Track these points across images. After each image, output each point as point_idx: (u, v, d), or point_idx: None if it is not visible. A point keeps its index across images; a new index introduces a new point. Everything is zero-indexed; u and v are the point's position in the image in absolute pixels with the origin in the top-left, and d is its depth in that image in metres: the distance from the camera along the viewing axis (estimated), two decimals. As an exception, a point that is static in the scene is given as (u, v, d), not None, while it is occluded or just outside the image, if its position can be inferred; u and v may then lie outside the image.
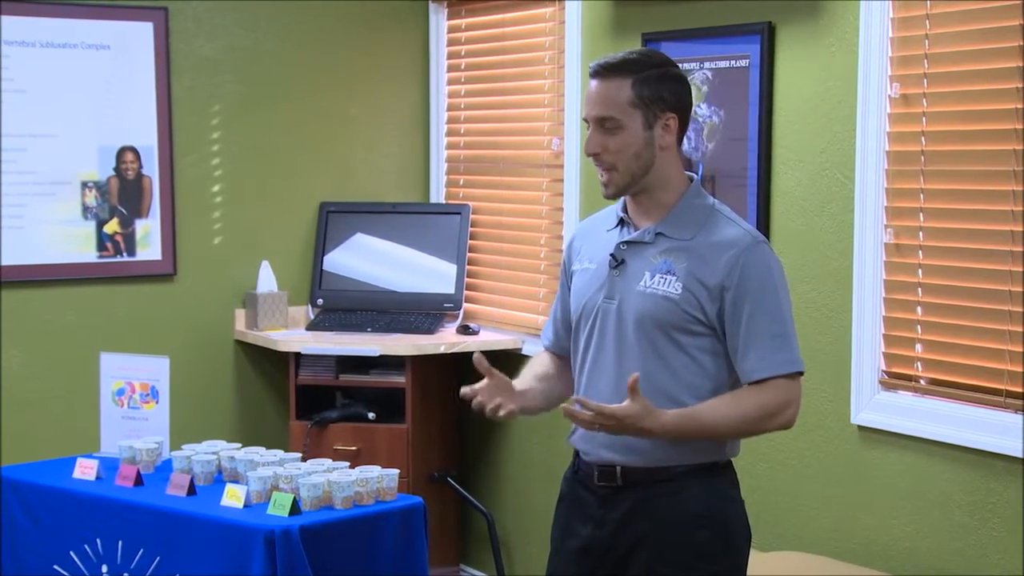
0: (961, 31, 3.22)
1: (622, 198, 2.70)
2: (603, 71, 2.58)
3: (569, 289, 2.79)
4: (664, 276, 2.58)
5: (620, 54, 2.61)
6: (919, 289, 3.34)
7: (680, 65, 2.67)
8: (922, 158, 3.32)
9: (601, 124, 2.58)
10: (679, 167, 2.65)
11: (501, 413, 2.64)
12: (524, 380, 2.78)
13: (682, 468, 2.61)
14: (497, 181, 4.86)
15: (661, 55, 2.68)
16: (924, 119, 3.31)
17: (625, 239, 2.65)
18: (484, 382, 2.66)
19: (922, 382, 3.35)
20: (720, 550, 2.63)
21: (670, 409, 2.55)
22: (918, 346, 3.35)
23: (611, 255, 2.65)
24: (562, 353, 2.84)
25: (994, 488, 3.15)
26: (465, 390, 2.66)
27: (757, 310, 2.55)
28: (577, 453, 2.73)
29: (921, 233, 3.33)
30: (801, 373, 2.61)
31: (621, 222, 2.69)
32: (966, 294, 3.22)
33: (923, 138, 3.31)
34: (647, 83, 2.56)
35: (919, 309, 3.34)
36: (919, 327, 3.34)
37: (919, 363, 3.35)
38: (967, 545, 3.22)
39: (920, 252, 3.34)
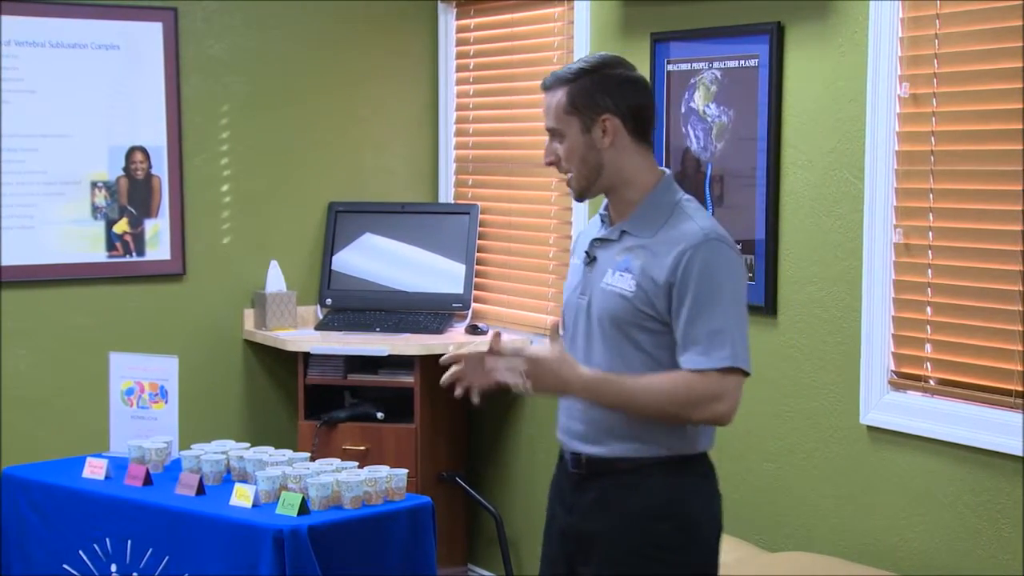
0: (971, 31, 3.22)
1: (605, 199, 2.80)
2: (546, 84, 2.71)
3: None
4: (622, 274, 2.65)
5: (566, 66, 2.73)
6: (928, 289, 3.33)
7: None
8: (931, 158, 3.31)
9: (551, 134, 2.71)
10: (641, 165, 2.70)
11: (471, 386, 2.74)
12: None
13: (647, 460, 2.65)
14: (506, 181, 4.86)
15: (610, 59, 2.73)
16: (934, 119, 3.30)
17: (598, 236, 2.75)
18: (478, 352, 2.72)
19: (931, 382, 3.34)
20: (681, 543, 2.66)
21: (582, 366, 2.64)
22: (927, 346, 3.35)
23: (585, 252, 2.75)
24: None
25: (1003, 489, 3.14)
26: (445, 359, 2.77)
27: (697, 306, 2.58)
28: (561, 443, 2.83)
29: (931, 233, 3.33)
30: (740, 371, 2.61)
31: (603, 219, 2.78)
32: (976, 294, 3.22)
33: (933, 138, 3.31)
34: (581, 89, 2.66)
35: (929, 309, 3.34)
36: (928, 327, 3.34)
37: (928, 363, 3.35)
38: (976, 546, 3.21)
39: (930, 252, 3.33)
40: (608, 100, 2.66)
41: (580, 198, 2.74)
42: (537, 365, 2.59)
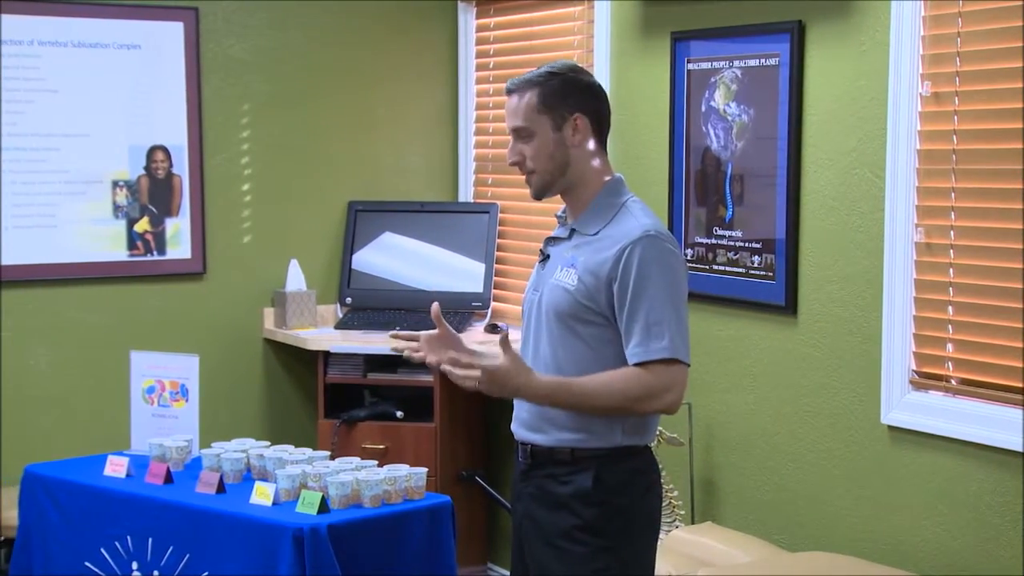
0: (994, 29, 3.20)
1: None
2: (513, 87, 2.81)
3: None
4: (568, 269, 2.76)
5: (530, 71, 2.82)
6: (950, 289, 3.32)
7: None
8: (953, 157, 3.30)
9: (517, 134, 2.80)
10: (597, 167, 2.82)
11: (426, 360, 2.77)
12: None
13: (587, 452, 2.74)
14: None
15: (573, 65, 2.86)
16: (956, 117, 3.29)
17: (551, 236, 2.88)
18: (431, 332, 2.79)
19: (953, 382, 3.33)
20: (609, 529, 2.73)
21: (539, 373, 2.71)
22: (949, 346, 3.33)
23: (540, 250, 2.88)
24: None
25: (1026, 489, 3.13)
26: (400, 334, 2.81)
27: (637, 299, 2.68)
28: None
29: (952, 232, 3.31)
30: (680, 361, 2.68)
31: (560, 221, 2.91)
32: (998, 294, 3.20)
33: (955, 136, 3.29)
34: (551, 90, 2.77)
35: (950, 309, 3.32)
36: (950, 327, 3.32)
37: (950, 363, 3.33)
38: (998, 546, 3.19)
39: (951, 251, 3.32)
40: (577, 101, 2.78)
41: (540, 196, 2.84)
42: (493, 376, 2.65)
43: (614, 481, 2.74)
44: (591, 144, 2.79)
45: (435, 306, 2.78)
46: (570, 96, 2.77)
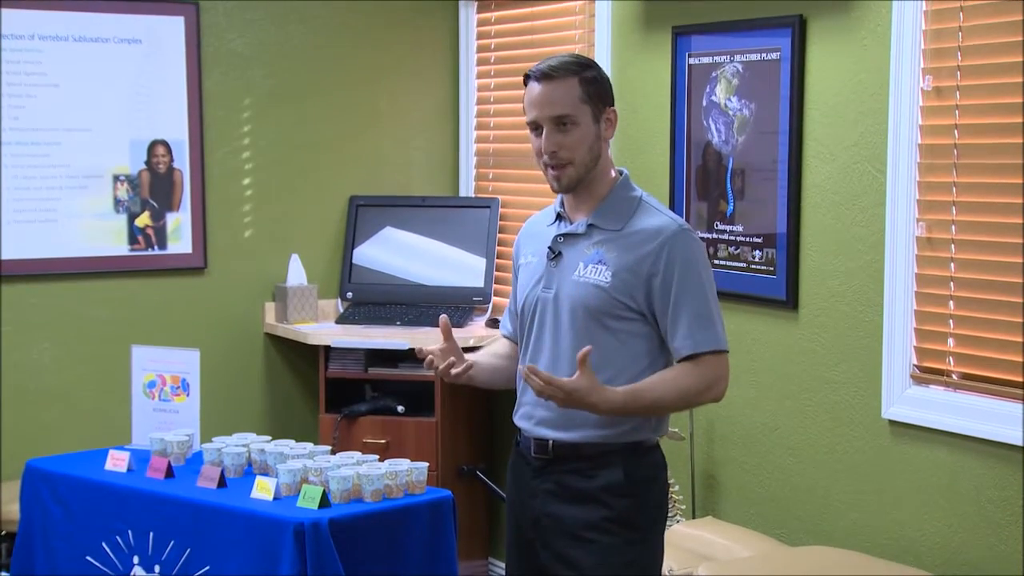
0: (995, 23, 3.20)
1: (559, 195, 2.86)
2: (549, 73, 2.73)
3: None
4: (596, 266, 2.74)
5: (555, 59, 2.77)
6: (951, 283, 3.32)
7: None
8: (955, 151, 3.30)
9: (557, 123, 2.73)
10: (610, 161, 2.85)
11: (453, 372, 2.85)
12: (479, 354, 3.00)
13: (611, 446, 2.74)
14: (526, 175, 4.86)
15: (587, 58, 2.85)
16: (957, 112, 3.29)
17: (561, 232, 2.82)
18: (441, 344, 2.86)
19: (954, 376, 3.33)
20: (640, 520, 2.76)
21: (609, 387, 2.70)
22: (950, 340, 3.33)
23: (548, 248, 2.82)
24: (518, 341, 2.98)
25: (1027, 484, 3.13)
26: (422, 349, 2.89)
27: (682, 292, 2.71)
28: (519, 429, 2.88)
29: (953, 227, 3.31)
30: (725, 351, 2.74)
31: (559, 216, 2.86)
32: (999, 288, 3.20)
33: (956, 131, 3.29)
34: (591, 82, 2.75)
35: (951, 303, 3.32)
36: (951, 321, 3.32)
37: (951, 357, 3.34)
38: (999, 541, 3.20)
39: (952, 246, 3.32)
40: (609, 96, 2.79)
41: (569, 189, 2.78)
42: (570, 397, 2.65)
43: (640, 474, 2.76)
44: (611, 139, 2.82)
45: (444, 319, 2.85)
46: (603, 89, 2.77)
